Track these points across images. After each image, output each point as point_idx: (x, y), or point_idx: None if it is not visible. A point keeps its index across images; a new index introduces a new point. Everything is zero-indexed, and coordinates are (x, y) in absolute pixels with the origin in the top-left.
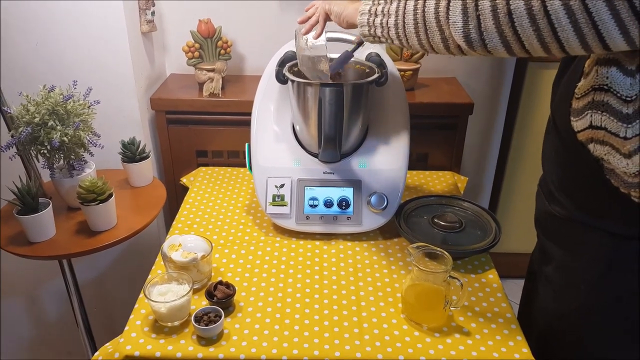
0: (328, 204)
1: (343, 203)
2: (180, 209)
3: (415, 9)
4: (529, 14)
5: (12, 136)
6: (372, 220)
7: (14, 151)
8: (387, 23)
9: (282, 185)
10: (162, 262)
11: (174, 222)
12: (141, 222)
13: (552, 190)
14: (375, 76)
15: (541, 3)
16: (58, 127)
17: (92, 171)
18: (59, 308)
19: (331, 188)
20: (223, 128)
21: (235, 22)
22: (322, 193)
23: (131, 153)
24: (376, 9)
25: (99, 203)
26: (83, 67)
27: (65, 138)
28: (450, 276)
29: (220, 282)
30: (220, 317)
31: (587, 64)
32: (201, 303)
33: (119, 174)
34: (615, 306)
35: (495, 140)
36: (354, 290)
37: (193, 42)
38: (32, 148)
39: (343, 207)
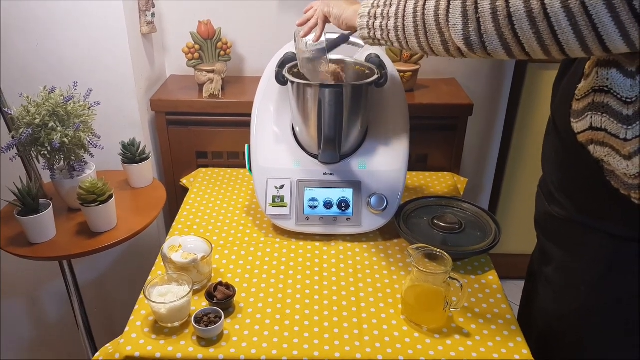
0: (328, 205)
1: (343, 204)
2: (180, 210)
3: (415, 12)
4: (529, 17)
5: (13, 137)
6: (372, 221)
7: (15, 152)
8: (387, 26)
9: (282, 186)
10: (162, 263)
11: (174, 223)
12: (141, 223)
13: (552, 191)
14: (374, 77)
15: (541, 5)
16: (58, 128)
17: (93, 172)
18: (59, 309)
19: (331, 189)
20: (223, 129)
21: (235, 24)
22: (322, 194)
23: (131, 154)
24: (375, 12)
25: (99, 204)
26: (83, 69)
27: (65, 139)
28: (450, 277)
29: (220, 283)
30: (220, 318)
31: (588, 66)
32: (201, 304)
33: (119, 175)
34: (615, 308)
35: (495, 141)
36: (354, 291)
37: (193, 44)
38: (33, 149)
39: (343, 208)
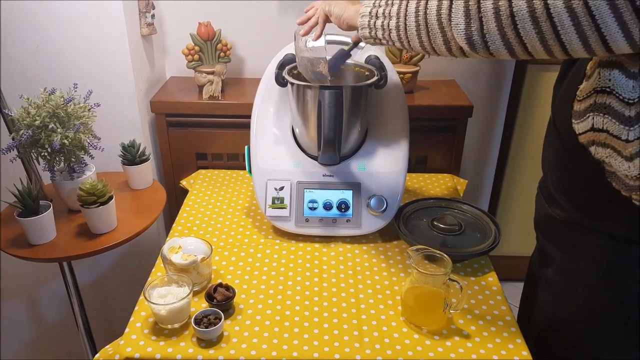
0: (327, 207)
1: (342, 206)
2: (180, 212)
3: (417, 11)
4: (532, 16)
5: (13, 139)
6: (372, 222)
7: (15, 154)
8: (389, 25)
9: (282, 187)
10: (162, 265)
11: (174, 225)
12: (141, 225)
13: (552, 192)
14: (374, 79)
15: (544, 5)
16: (59, 130)
17: (93, 174)
18: (59, 310)
19: (330, 191)
20: (223, 131)
21: (235, 25)
22: (322, 195)
23: (131, 156)
24: (377, 11)
25: (99, 205)
26: (83, 70)
27: (65, 141)
28: (449, 279)
29: (220, 285)
30: (220, 320)
31: (589, 66)
32: (201, 305)
33: (119, 177)
34: (615, 309)
35: (494, 142)
36: (354, 292)
37: (193, 45)
38: (33, 150)
39: (342, 210)
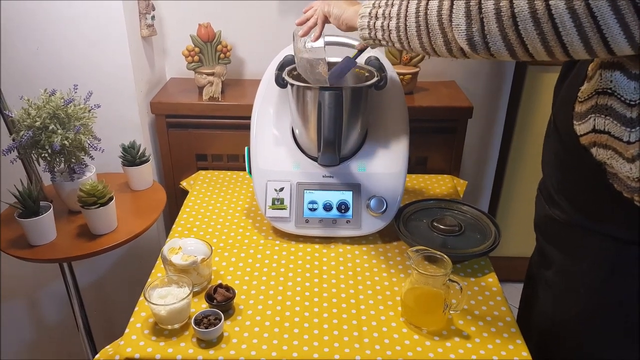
0: (327, 208)
1: (342, 206)
2: (180, 213)
3: (417, 12)
4: (533, 17)
5: (14, 140)
6: (372, 223)
7: (15, 155)
8: (389, 26)
9: (282, 188)
10: (162, 265)
11: (174, 226)
12: (141, 226)
13: (552, 193)
14: (374, 80)
15: (545, 6)
16: (59, 131)
17: (93, 175)
18: (60, 311)
19: (330, 192)
20: (223, 132)
21: (235, 26)
22: (322, 196)
23: (131, 157)
24: (377, 12)
25: (100, 206)
26: (83, 71)
27: (66, 142)
28: (449, 280)
29: (220, 285)
30: (220, 320)
31: (591, 68)
32: (201, 306)
33: (120, 178)
34: (616, 310)
35: (494, 143)
36: (354, 293)
37: (193, 46)
38: (33, 152)
39: (342, 211)
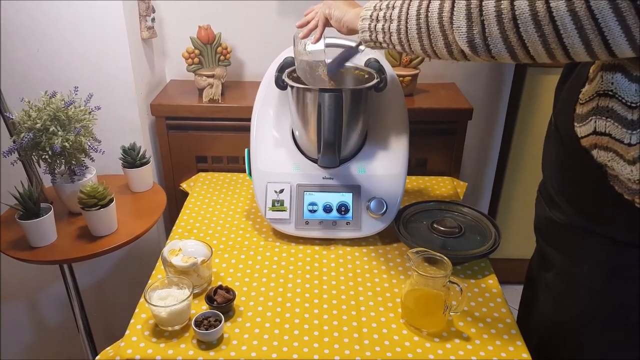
0: (327, 209)
1: (342, 208)
2: (180, 214)
3: (418, 14)
4: (534, 20)
5: (14, 141)
6: (372, 225)
7: (16, 156)
8: (389, 28)
9: (282, 190)
10: (163, 267)
11: (174, 227)
12: (141, 227)
13: (552, 195)
14: (374, 82)
15: (546, 8)
16: (59, 133)
17: (93, 176)
18: (60, 313)
19: (330, 193)
20: (223, 134)
21: (234, 28)
22: (322, 198)
23: (131, 158)
24: (378, 15)
25: (100, 208)
26: (84, 73)
27: (66, 143)
28: (449, 281)
29: (220, 287)
30: (220, 322)
31: (592, 70)
32: (201, 307)
33: (120, 179)
34: (616, 312)
35: (494, 145)
36: (354, 295)
37: (193, 48)
38: (34, 153)
39: (342, 213)
